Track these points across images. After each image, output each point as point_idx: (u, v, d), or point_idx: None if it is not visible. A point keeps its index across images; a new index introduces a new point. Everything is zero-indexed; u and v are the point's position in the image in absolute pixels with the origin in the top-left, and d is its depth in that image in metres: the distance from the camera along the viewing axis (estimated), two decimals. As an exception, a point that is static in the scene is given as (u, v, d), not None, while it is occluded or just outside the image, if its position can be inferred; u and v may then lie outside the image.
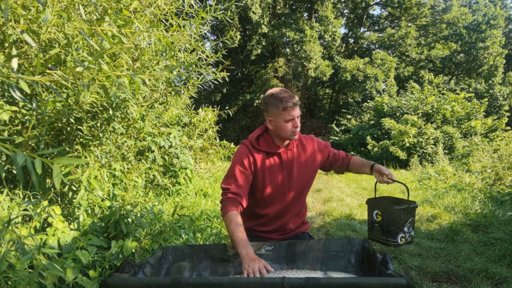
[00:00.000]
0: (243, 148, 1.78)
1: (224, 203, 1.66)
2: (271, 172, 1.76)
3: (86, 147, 2.49)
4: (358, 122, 15.84)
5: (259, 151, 1.76)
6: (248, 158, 1.74)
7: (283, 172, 1.77)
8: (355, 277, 1.33)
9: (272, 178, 1.76)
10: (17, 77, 0.97)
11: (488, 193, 5.20)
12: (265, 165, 1.76)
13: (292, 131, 1.70)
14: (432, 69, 22.99)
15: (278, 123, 1.70)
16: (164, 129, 3.79)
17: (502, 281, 2.63)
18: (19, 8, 1.48)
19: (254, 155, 1.75)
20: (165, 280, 1.08)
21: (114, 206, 2.36)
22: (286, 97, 1.67)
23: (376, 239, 1.70)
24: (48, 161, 0.76)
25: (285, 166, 1.78)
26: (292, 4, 21.36)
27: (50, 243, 1.94)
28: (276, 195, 1.78)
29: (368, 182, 8.65)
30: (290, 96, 1.68)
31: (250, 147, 1.77)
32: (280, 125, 1.69)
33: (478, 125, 11.56)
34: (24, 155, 0.74)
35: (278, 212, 1.81)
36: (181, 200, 4.26)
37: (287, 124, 1.69)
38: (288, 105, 1.66)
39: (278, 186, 1.77)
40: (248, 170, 1.73)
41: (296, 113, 1.69)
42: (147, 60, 2.37)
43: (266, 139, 1.79)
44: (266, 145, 1.77)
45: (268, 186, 1.76)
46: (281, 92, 1.69)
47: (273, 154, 1.77)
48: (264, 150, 1.76)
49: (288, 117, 1.67)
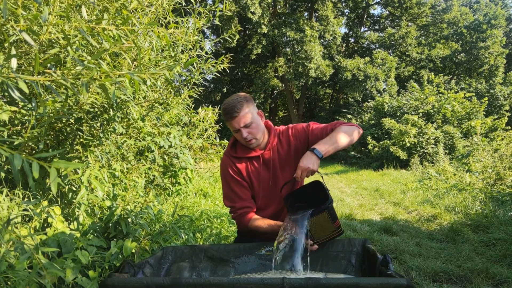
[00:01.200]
0: (225, 159, 1.76)
1: (239, 219, 1.70)
2: (256, 175, 1.74)
3: (86, 147, 2.48)
4: (359, 122, 15.82)
5: (238, 158, 1.73)
6: (232, 169, 1.72)
7: (268, 173, 1.74)
8: (356, 278, 1.32)
9: (259, 181, 1.74)
10: (16, 77, 0.97)
11: (488, 193, 5.19)
12: (248, 170, 1.73)
13: (245, 140, 1.65)
14: (432, 68, 22.98)
15: (233, 132, 1.67)
16: (164, 129, 3.79)
17: (503, 281, 2.63)
18: (20, 8, 1.48)
19: (236, 164, 1.73)
20: (165, 281, 1.08)
21: (114, 206, 2.36)
22: (226, 109, 1.61)
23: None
24: (45, 164, 0.76)
25: (268, 167, 1.74)
26: (292, 4, 21.36)
27: (50, 243, 1.94)
28: (268, 197, 1.76)
29: (368, 182, 8.65)
30: (230, 108, 1.60)
31: (230, 158, 1.75)
32: (235, 134, 1.67)
33: (479, 124, 11.55)
34: (22, 157, 0.74)
35: (275, 212, 1.79)
36: (181, 200, 4.26)
37: (236, 134, 1.66)
38: (226, 118, 1.62)
39: (268, 188, 1.75)
40: (239, 179, 1.72)
41: (237, 124, 1.61)
42: (147, 60, 2.37)
43: (241, 144, 1.75)
44: (242, 150, 1.74)
45: (258, 190, 1.74)
46: (226, 103, 1.63)
47: (252, 158, 1.74)
48: (242, 156, 1.73)
49: (232, 128, 1.64)
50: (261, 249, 1.58)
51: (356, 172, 11.19)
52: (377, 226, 4.30)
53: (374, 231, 4.09)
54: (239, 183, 1.71)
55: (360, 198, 6.58)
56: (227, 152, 1.77)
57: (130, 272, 1.26)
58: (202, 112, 4.80)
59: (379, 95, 18.39)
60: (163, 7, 2.53)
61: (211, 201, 4.61)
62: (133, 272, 1.28)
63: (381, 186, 7.58)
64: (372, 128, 13.94)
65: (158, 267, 1.48)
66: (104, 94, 1.84)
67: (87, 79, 1.14)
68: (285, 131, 1.80)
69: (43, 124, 1.94)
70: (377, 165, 11.59)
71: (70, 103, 2.09)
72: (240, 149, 1.75)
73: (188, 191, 4.55)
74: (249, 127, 1.63)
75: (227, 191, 1.74)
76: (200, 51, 2.92)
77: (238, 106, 1.60)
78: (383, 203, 5.99)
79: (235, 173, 1.72)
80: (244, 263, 1.56)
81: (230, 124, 1.63)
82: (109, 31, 1.47)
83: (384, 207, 5.63)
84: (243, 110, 1.61)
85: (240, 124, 1.61)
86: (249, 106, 1.63)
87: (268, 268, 1.55)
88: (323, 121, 21.52)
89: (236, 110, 1.60)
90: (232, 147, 1.77)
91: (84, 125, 2.35)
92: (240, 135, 1.64)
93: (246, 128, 1.62)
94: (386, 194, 6.61)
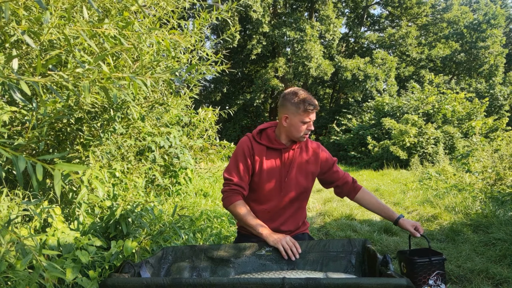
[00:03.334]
0: (245, 139, 1.81)
1: (228, 194, 1.71)
2: (269, 166, 1.77)
3: (86, 147, 2.49)
4: (359, 122, 15.83)
5: (260, 144, 1.78)
6: (249, 149, 1.76)
7: (281, 169, 1.77)
8: (356, 278, 1.32)
9: (269, 173, 1.77)
10: (18, 78, 0.98)
11: (488, 193, 5.20)
12: (263, 158, 1.77)
13: (305, 132, 1.73)
14: (432, 68, 22.99)
15: (294, 122, 1.70)
16: (164, 129, 3.79)
17: (503, 281, 2.63)
18: (21, 9, 1.48)
19: (254, 147, 1.77)
20: (165, 281, 1.08)
21: (115, 206, 2.36)
22: (309, 99, 1.68)
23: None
24: (49, 167, 0.76)
25: (284, 164, 1.77)
26: (292, 4, 21.35)
27: (50, 243, 1.94)
28: (271, 192, 1.78)
29: (368, 182, 8.65)
30: (312, 99, 1.70)
31: (251, 139, 1.80)
32: (296, 124, 1.70)
33: (479, 124, 11.55)
34: (25, 159, 0.74)
35: (272, 210, 1.79)
36: (181, 200, 4.26)
37: (302, 125, 1.70)
38: (309, 108, 1.67)
39: (275, 183, 1.77)
40: (249, 161, 1.75)
41: (313, 116, 1.72)
42: (148, 61, 2.37)
43: (268, 134, 1.80)
44: (267, 140, 1.79)
45: (265, 180, 1.77)
46: (304, 93, 1.70)
47: (273, 149, 1.78)
48: (264, 144, 1.77)
49: (306, 119, 1.69)
50: (261, 249, 1.58)
51: (356, 172, 11.19)
52: (377, 226, 4.30)
53: (374, 231, 4.09)
54: (246, 164, 1.75)
55: (360, 198, 6.57)
56: (251, 135, 1.81)
57: (130, 272, 1.26)
58: (202, 112, 4.80)
59: (379, 95, 18.40)
60: (165, 10, 2.53)
61: (211, 201, 4.61)
62: (133, 272, 1.29)
63: (381, 186, 7.58)
64: (372, 128, 13.95)
65: (158, 267, 1.48)
66: (105, 95, 1.85)
67: (88, 81, 1.15)
68: (315, 145, 1.89)
69: (43, 124, 1.95)
70: (377, 165, 11.60)
71: (71, 103, 2.10)
72: (265, 137, 1.80)
73: (188, 191, 4.56)
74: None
75: (232, 165, 1.77)
76: (201, 53, 2.92)
77: (315, 100, 1.72)
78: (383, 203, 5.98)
79: (248, 154, 1.76)
80: (244, 263, 1.56)
81: (308, 115, 1.69)
82: (110, 32, 1.47)
83: (384, 207, 5.62)
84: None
85: (314, 117, 1.73)
86: None
87: (268, 268, 1.55)
88: (323, 121, 21.52)
89: (317, 103, 1.71)
90: (258, 133, 1.81)
91: (85, 125, 2.36)
92: (307, 126, 1.72)
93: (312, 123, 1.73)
94: (386, 194, 6.62)
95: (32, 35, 1.40)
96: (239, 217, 1.69)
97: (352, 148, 14.23)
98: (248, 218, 1.66)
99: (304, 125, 1.70)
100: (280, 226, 1.80)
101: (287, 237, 1.56)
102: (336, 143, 15.99)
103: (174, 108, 3.44)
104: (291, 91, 1.73)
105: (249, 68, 23.44)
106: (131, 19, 1.82)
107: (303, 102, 1.67)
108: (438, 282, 1.59)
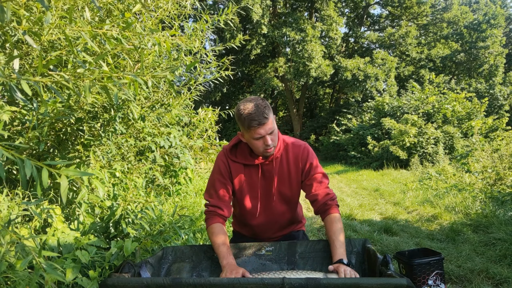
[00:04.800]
0: (221, 155, 1.69)
1: (207, 217, 1.64)
2: (249, 184, 1.67)
3: (87, 147, 2.49)
4: (359, 122, 15.84)
5: (235, 162, 1.66)
6: (225, 166, 1.66)
7: (262, 185, 1.66)
8: (356, 278, 1.33)
9: (251, 191, 1.68)
10: (19, 78, 0.98)
11: (488, 193, 5.20)
12: (242, 177, 1.65)
13: (264, 148, 1.53)
14: (432, 68, 22.98)
15: (247, 139, 1.55)
16: (164, 129, 3.80)
17: (503, 281, 2.63)
18: (22, 9, 1.48)
19: (230, 165, 1.65)
20: (165, 281, 1.08)
21: (115, 206, 2.36)
22: (252, 114, 1.46)
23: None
24: (55, 171, 0.76)
25: (264, 179, 1.66)
26: (292, 4, 21.35)
27: (50, 243, 1.94)
28: (258, 208, 1.69)
29: (368, 182, 8.65)
30: (257, 112, 1.46)
31: (227, 157, 1.67)
32: (249, 141, 1.55)
33: (479, 124, 11.55)
34: (31, 163, 0.73)
35: (265, 223, 1.74)
36: (181, 200, 4.27)
37: (256, 141, 1.52)
38: (253, 124, 1.46)
39: (259, 199, 1.68)
40: (227, 179, 1.65)
41: (264, 130, 1.48)
42: (150, 62, 2.37)
43: (242, 149, 1.66)
44: (242, 157, 1.65)
45: (249, 199, 1.69)
46: (249, 106, 1.48)
47: (251, 166, 1.65)
48: (240, 162, 1.64)
49: (256, 135, 1.49)
50: (261, 249, 1.58)
51: (356, 172, 11.20)
52: (377, 226, 4.30)
53: (374, 231, 4.09)
54: (223, 182, 1.65)
55: (360, 198, 6.58)
56: (226, 151, 1.68)
57: (130, 272, 1.27)
58: (202, 112, 4.80)
59: (379, 95, 18.40)
60: (168, 12, 2.53)
61: (211, 201, 4.60)
62: (133, 272, 1.29)
63: (381, 186, 7.59)
64: (372, 128, 13.95)
65: (158, 267, 1.49)
66: (106, 95, 1.85)
67: (89, 81, 1.15)
68: (296, 147, 1.69)
69: (44, 124, 1.95)
70: (377, 165, 11.60)
71: (71, 103, 2.10)
72: (240, 154, 1.66)
73: (188, 191, 4.56)
74: (272, 134, 1.53)
75: (209, 185, 1.69)
76: (205, 57, 2.93)
77: (266, 111, 1.48)
78: (383, 203, 5.99)
79: (225, 172, 1.65)
80: (244, 263, 1.56)
81: (255, 131, 1.48)
82: (111, 33, 1.47)
83: (384, 207, 5.63)
84: (270, 116, 1.50)
85: (267, 130, 1.49)
86: (271, 111, 1.53)
87: (268, 268, 1.56)
88: (323, 121, 21.52)
89: (265, 116, 1.47)
90: (232, 149, 1.68)
91: (85, 125, 2.36)
92: (262, 143, 1.52)
93: (270, 135, 1.51)
94: (386, 194, 6.62)
95: (32, 35, 1.40)
96: (211, 242, 1.56)
97: (352, 148, 14.23)
98: (215, 243, 1.51)
99: (258, 141, 1.51)
100: (277, 232, 1.80)
101: (240, 273, 1.37)
102: (336, 143, 16.00)
103: (175, 109, 3.45)
104: (238, 105, 1.53)
105: (249, 67, 23.45)
106: (132, 20, 1.83)
107: (246, 118, 1.47)
108: (437, 282, 1.59)
